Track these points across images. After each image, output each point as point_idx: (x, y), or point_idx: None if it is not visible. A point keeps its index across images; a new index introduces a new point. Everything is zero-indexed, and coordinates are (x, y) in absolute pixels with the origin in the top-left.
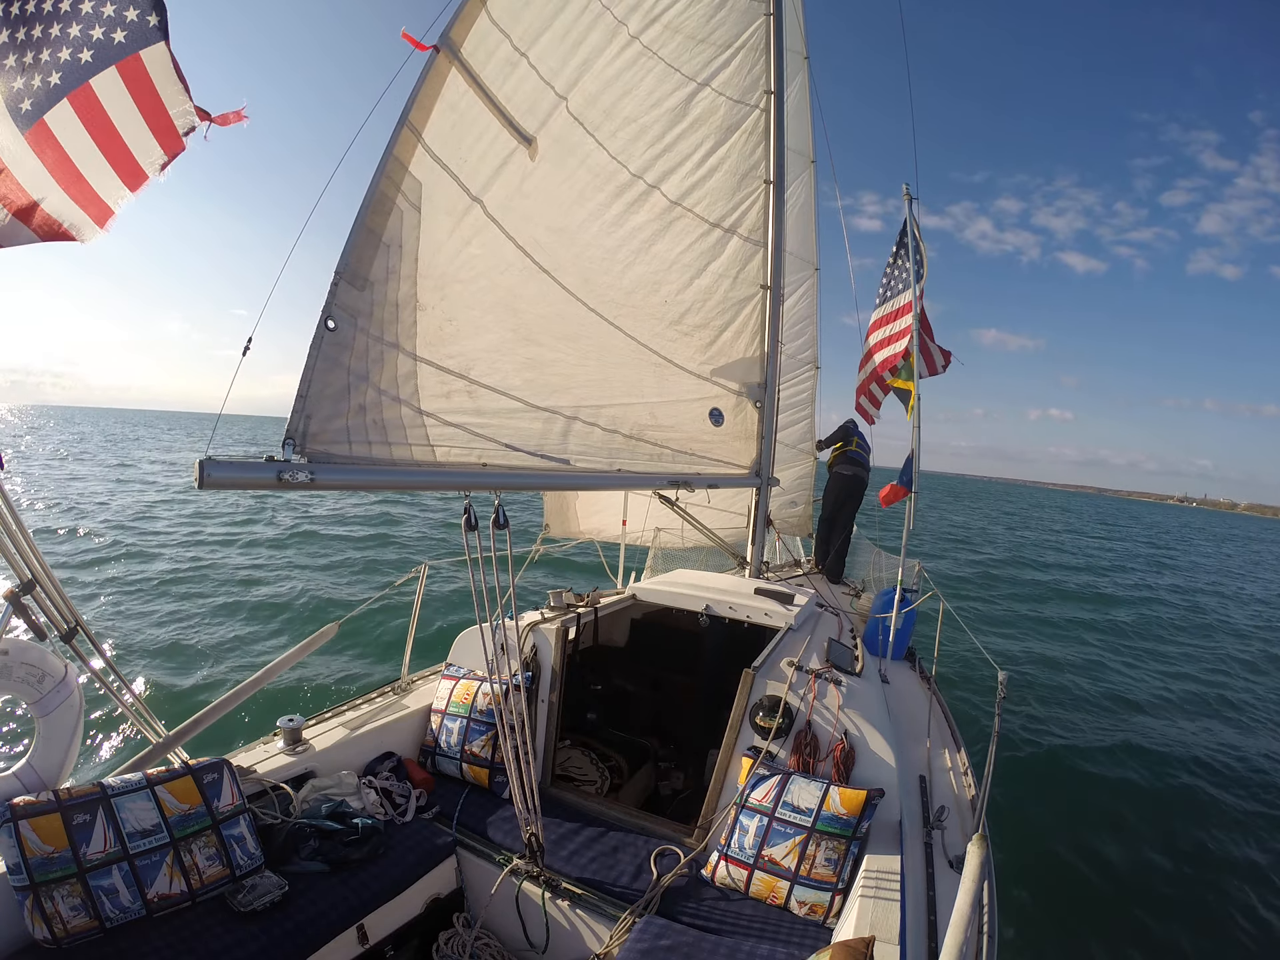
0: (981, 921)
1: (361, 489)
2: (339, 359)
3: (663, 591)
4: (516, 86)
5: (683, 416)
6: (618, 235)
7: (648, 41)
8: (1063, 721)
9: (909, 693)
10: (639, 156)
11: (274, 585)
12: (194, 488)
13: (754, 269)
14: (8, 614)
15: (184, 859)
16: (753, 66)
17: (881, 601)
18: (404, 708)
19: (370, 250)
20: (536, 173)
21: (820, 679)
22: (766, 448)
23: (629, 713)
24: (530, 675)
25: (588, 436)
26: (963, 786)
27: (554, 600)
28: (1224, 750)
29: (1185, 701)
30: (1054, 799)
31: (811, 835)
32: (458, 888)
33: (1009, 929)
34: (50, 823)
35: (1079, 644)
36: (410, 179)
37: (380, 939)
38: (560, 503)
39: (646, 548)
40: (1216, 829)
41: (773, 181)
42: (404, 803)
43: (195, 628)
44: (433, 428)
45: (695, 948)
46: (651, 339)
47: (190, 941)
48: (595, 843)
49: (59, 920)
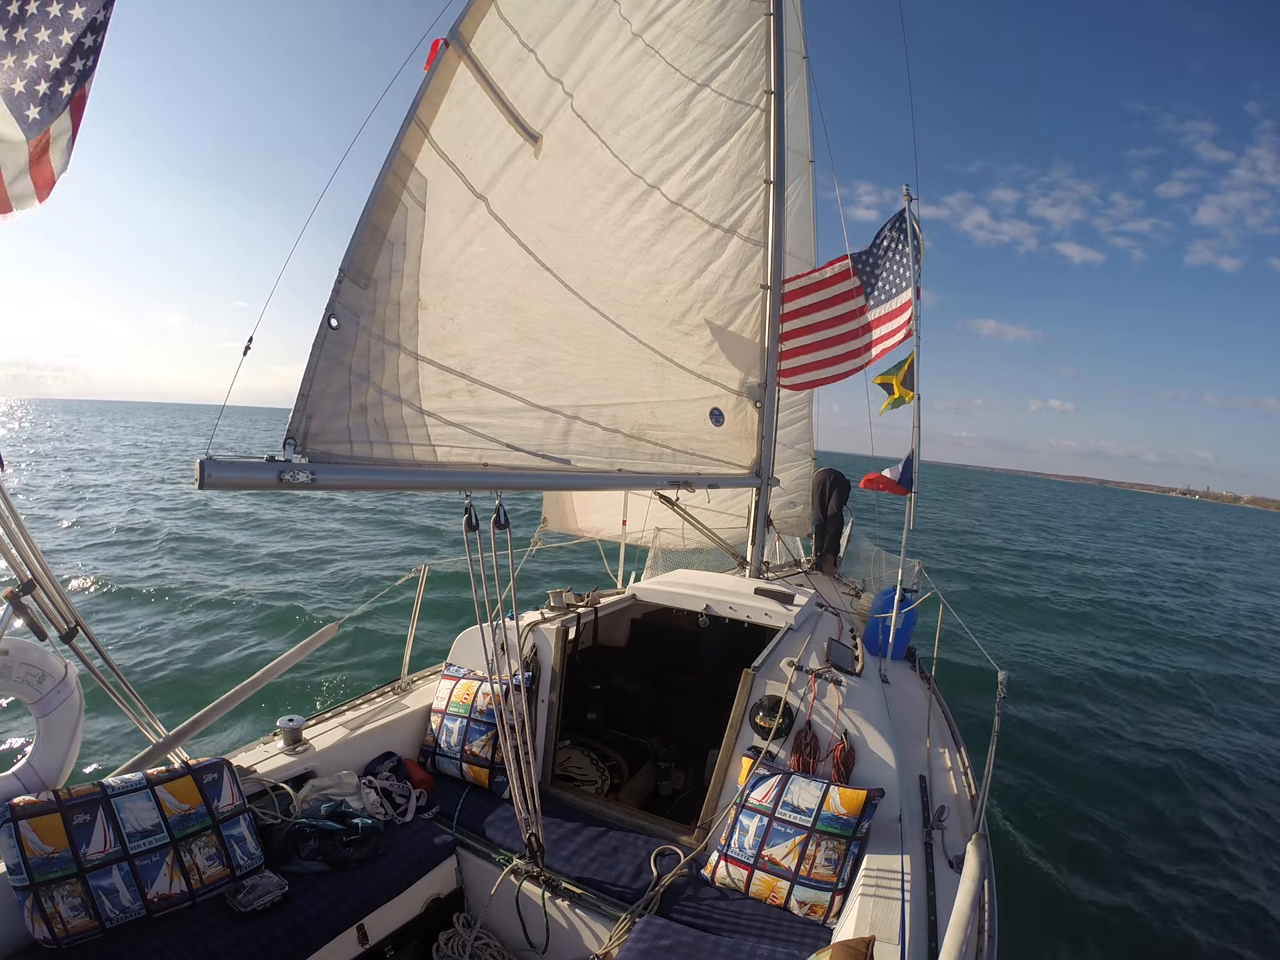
0: (981, 921)
1: (362, 489)
2: (341, 358)
3: (663, 591)
4: (524, 83)
5: (683, 416)
6: (620, 234)
7: (650, 40)
8: (1063, 721)
9: (909, 693)
10: (640, 155)
11: (274, 585)
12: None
13: (754, 269)
14: (8, 614)
15: (184, 859)
16: (753, 67)
17: (881, 601)
18: (404, 708)
19: (374, 247)
20: (540, 170)
21: (820, 679)
22: (767, 447)
23: (629, 713)
24: (530, 675)
25: (588, 436)
26: (963, 786)
27: (554, 600)
28: (1228, 750)
29: (1188, 702)
30: (1054, 798)
31: (811, 835)
32: (458, 888)
33: (1009, 928)
34: (50, 823)
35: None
36: (416, 175)
37: (380, 939)
38: (556, 499)
39: (647, 548)
40: (1218, 828)
41: (773, 181)
42: (404, 803)
43: (196, 627)
44: (434, 427)
45: (695, 948)
46: (653, 338)
47: (190, 941)
48: (595, 843)
49: (59, 920)
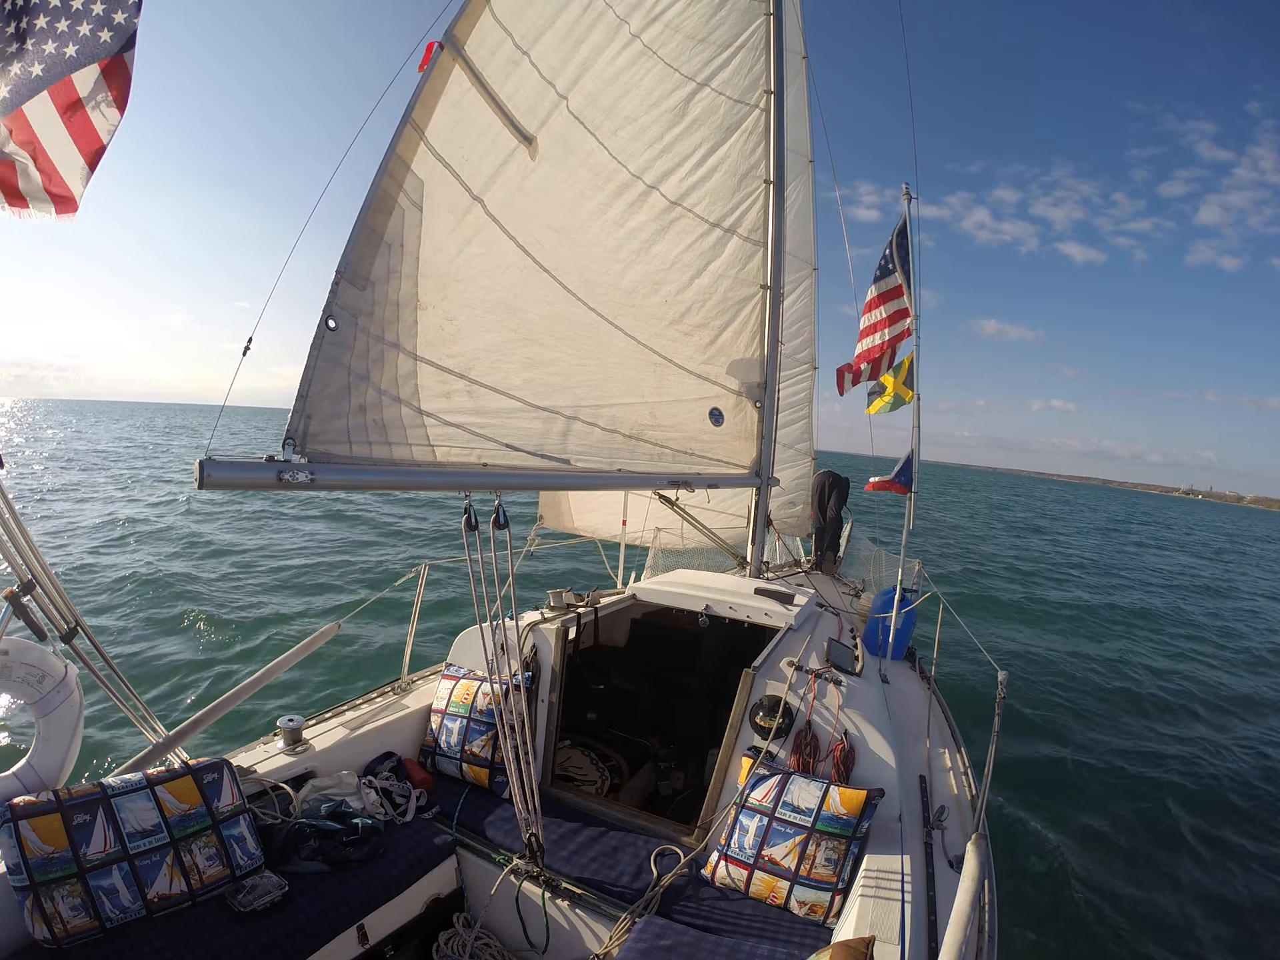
0: (981, 921)
1: (362, 489)
2: (340, 359)
3: (663, 591)
4: (518, 85)
5: (683, 416)
6: (618, 235)
7: (648, 40)
8: (1063, 721)
9: (909, 693)
10: (639, 156)
11: (274, 585)
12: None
13: (754, 269)
14: (8, 614)
15: (184, 859)
16: (752, 66)
17: (881, 601)
18: (404, 708)
19: (371, 249)
20: (537, 171)
21: (820, 679)
22: (766, 447)
23: (629, 713)
24: (530, 675)
25: (588, 436)
26: (963, 786)
27: (554, 600)
28: (1233, 749)
29: (1192, 701)
30: (1055, 798)
31: (811, 835)
32: (458, 888)
33: (1009, 928)
34: (50, 823)
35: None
36: (412, 177)
37: (380, 939)
38: (553, 497)
39: (646, 548)
40: (1220, 827)
41: (773, 181)
42: (404, 803)
43: (195, 627)
44: (433, 427)
45: (695, 948)
46: (652, 339)
47: (190, 941)
48: (595, 843)
49: (59, 920)
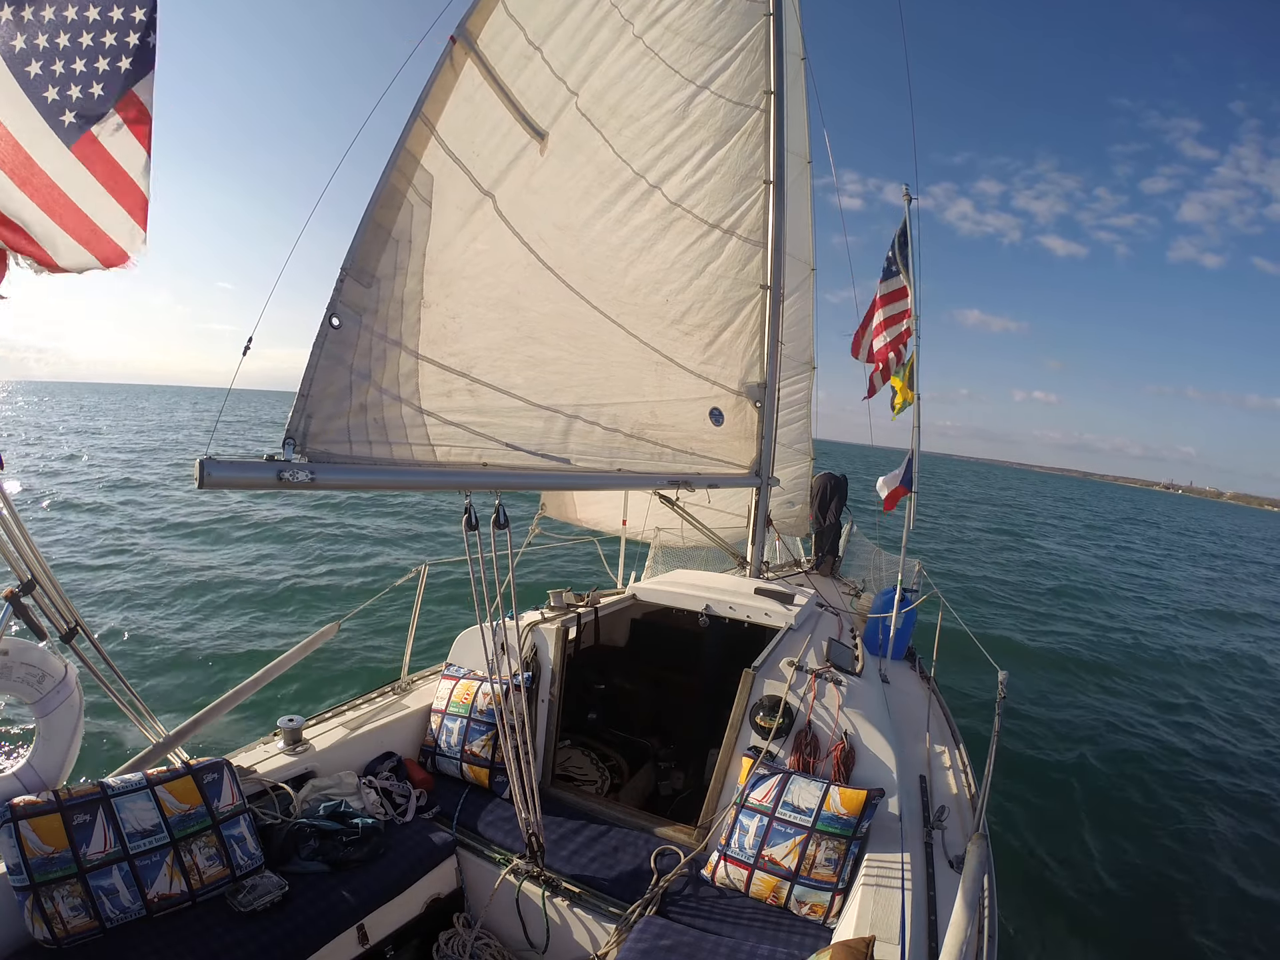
0: (981, 921)
1: (362, 489)
2: (342, 357)
3: (663, 591)
4: (530, 80)
5: (683, 416)
6: (621, 233)
7: (650, 42)
8: (1063, 721)
9: (909, 692)
10: (641, 155)
11: (274, 584)
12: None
13: (753, 269)
14: (8, 614)
15: (184, 859)
16: (752, 68)
17: (881, 601)
18: (404, 708)
19: (378, 245)
20: (545, 168)
21: (820, 679)
22: (767, 447)
23: (629, 713)
24: (530, 675)
25: (588, 436)
26: (963, 786)
27: (554, 600)
28: (1235, 747)
29: (1193, 700)
30: (1055, 798)
31: (812, 835)
32: (458, 888)
33: (1009, 928)
34: (50, 823)
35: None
36: (422, 172)
37: (380, 939)
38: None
39: (647, 543)
40: (1222, 827)
41: (773, 182)
42: (404, 803)
43: (195, 628)
44: (433, 427)
45: (695, 948)
46: (653, 338)
47: (190, 941)
48: (595, 843)
49: (59, 920)
